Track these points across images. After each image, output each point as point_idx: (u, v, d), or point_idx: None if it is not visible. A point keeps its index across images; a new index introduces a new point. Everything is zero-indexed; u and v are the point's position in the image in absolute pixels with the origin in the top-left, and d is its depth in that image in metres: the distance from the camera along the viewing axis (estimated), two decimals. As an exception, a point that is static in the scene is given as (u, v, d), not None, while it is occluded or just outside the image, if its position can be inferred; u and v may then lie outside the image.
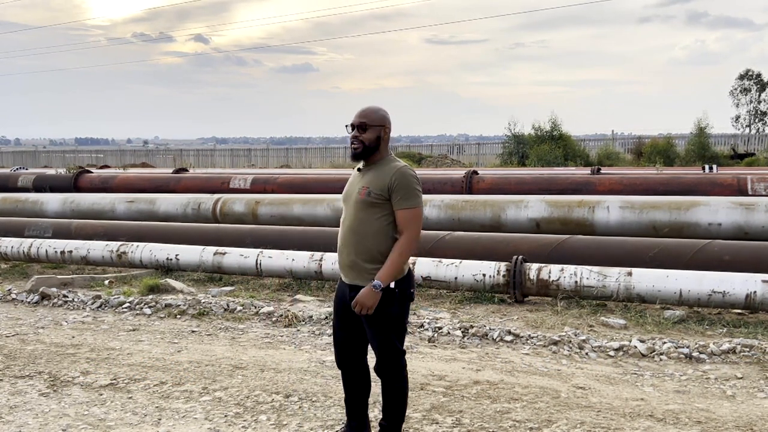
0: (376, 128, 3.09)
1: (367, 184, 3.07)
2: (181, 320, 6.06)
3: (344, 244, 3.14)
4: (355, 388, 3.34)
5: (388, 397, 3.23)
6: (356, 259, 3.09)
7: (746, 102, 39.24)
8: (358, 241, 3.08)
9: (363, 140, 3.07)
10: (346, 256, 3.13)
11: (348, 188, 3.20)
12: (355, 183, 3.15)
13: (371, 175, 3.09)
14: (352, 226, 3.10)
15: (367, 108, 3.14)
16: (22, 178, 13.90)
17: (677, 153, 22.48)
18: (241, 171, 16.48)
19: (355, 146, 3.08)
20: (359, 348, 3.27)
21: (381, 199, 3.04)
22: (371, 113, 3.11)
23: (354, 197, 3.10)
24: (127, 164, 28.73)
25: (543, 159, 21.72)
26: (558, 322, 5.77)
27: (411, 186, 3.03)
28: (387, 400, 3.25)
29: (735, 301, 5.63)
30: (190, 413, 3.92)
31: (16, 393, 4.29)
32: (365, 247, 3.07)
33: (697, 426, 3.66)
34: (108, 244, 8.48)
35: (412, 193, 3.03)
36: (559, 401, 4.01)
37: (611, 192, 8.94)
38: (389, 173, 3.05)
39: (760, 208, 7.21)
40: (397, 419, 3.26)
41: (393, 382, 3.20)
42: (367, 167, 3.14)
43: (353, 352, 3.28)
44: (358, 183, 3.12)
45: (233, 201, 9.85)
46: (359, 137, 3.07)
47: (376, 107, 3.15)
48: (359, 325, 3.19)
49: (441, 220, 8.47)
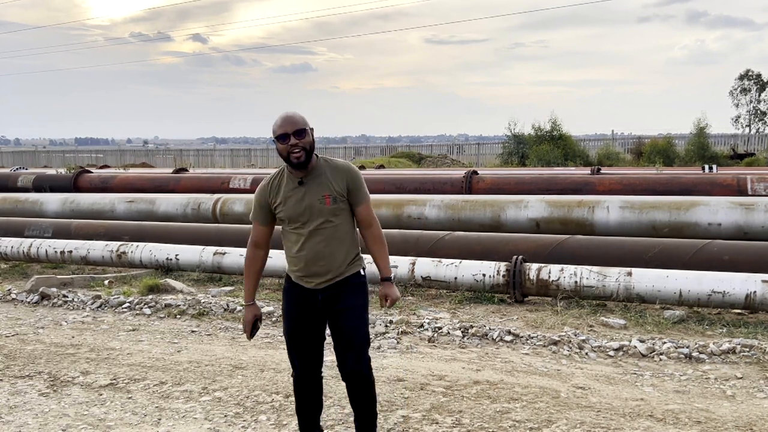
0: (309, 131, 2.99)
1: (326, 191, 2.98)
2: (181, 320, 6.06)
3: (317, 258, 3.00)
4: (316, 399, 3.24)
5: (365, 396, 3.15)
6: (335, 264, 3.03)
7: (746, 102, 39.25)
8: (337, 249, 3.02)
9: (304, 146, 2.92)
10: (322, 266, 3.02)
11: (295, 204, 2.99)
12: (303, 195, 2.98)
13: (321, 181, 2.99)
14: (325, 234, 2.99)
15: (291, 114, 2.97)
16: (21, 178, 13.89)
17: (677, 153, 22.50)
18: (241, 171, 16.47)
19: (297, 155, 2.91)
20: (320, 355, 3.19)
21: (342, 202, 3.01)
22: (299, 118, 2.96)
23: (317, 208, 2.97)
24: (127, 164, 28.72)
25: (543, 159, 21.73)
26: (558, 322, 5.77)
27: (362, 180, 3.08)
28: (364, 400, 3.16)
29: (735, 301, 5.64)
30: (190, 413, 3.92)
31: (15, 393, 4.29)
32: (344, 251, 3.04)
33: (696, 426, 3.66)
34: (108, 244, 8.48)
35: (364, 186, 3.09)
36: (558, 401, 4.01)
37: (611, 192, 8.94)
38: (340, 173, 3.02)
39: (760, 208, 7.21)
40: (374, 417, 3.22)
41: (369, 378, 3.14)
42: (308, 176, 2.99)
43: (317, 360, 3.17)
44: (310, 194, 2.98)
45: (233, 201, 9.85)
46: (299, 144, 2.91)
47: (295, 111, 3.01)
48: (322, 331, 3.14)
49: (441, 220, 8.47)
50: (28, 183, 13.61)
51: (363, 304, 3.12)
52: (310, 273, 3.05)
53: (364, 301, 3.12)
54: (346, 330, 3.06)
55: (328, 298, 3.06)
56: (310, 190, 2.99)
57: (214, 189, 11.30)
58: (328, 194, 2.98)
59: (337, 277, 3.04)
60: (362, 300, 3.12)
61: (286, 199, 3.02)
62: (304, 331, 3.11)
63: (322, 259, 3.01)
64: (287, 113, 2.99)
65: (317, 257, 3.01)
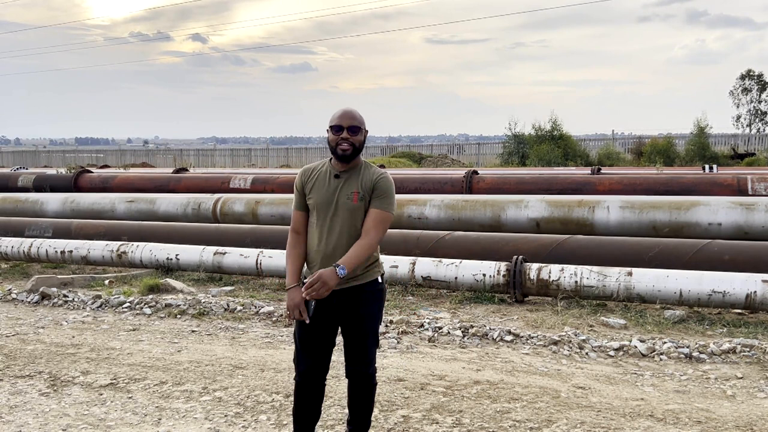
0: (364, 131, 3.07)
1: (356, 189, 3.02)
2: (181, 320, 6.06)
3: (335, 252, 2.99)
4: (316, 406, 3.21)
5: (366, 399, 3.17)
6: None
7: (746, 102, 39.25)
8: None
9: (354, 142, 3.01)
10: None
11: (325, 193, 3.05)
12: (336, 188, 3.04)
13: (355, 179, 3.04)
14: (348, 231, 3.00)
15: (352, 110, 3.06)
16: (22, 177, 13.90)
17: (677, 153, 22.50)
18: (241, 171, 16.47)
19: (345, 148, 3.00)
20: (328, 360, 3.16)
21: (366, 202, 3.04)
22: (358, 116, 3.06)
23: (343, 203, 3.01)
24: (128, 164, 28.73)
25: (543, 159, 21.73)
26: (558, 322, 5.77)
27: (392, 191, 3.08)
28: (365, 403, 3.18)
29: (735, 301, 5.64)
30: (191, 413, 3.92)
31: (16, 393, 4.29)
32: None
33: (697, 426, 3.66)
34: (108, 244, 8.48)
35: (392, 198, 3.07)
36: (559, 401, 4.01)
37: (611, 192, 8.94)
38: (373, 176, 3.06)
39: (760, 207, 7.21)
40: (368, 422, 3.24)
41: (372, 381, 3.17)
42: (345, 172, 3.06)
43: (325, 364, 3.15)
44: (343, 188, 3.03)
45: (233, 201, 9.85)
46: (350, 139, 3.00)
47: (355, 109, 3.10)
48: (334, 336, 3.13)
49: (441, 220, 8.47)
50: (28, 183, 13.62)
51: (379, 311, 3.13)
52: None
53: (379, 308, 3.13)
54: (357, 334, 3.08)
55: (344, 304, 3.02)
56: (344, 184, 3.04)
57: (215, 189, 11.30)
58: (357, 191, 3.02)
59: (353, 281, 3.01)
60: (378, 307, 3.12)
61: (319, 188, 3.08)
62: (316, 334, 3.07)
63: (339, 255, 2.98)
64: (348, 108, 3.08)
65: (335, 254, 2.99)
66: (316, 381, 3.15)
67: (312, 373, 3.12)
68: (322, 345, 3.10)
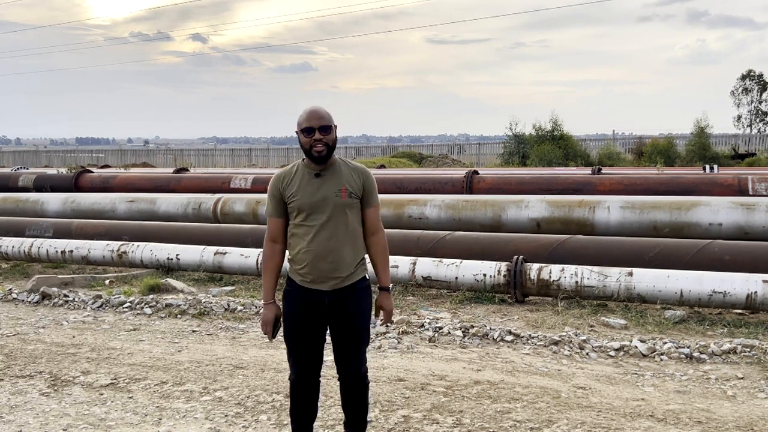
0: (334, 128, 3.05)
1: (342, 185, 3.01)
2: (182, 320, 6.06)
3: (326, 253, 2.98)
4: (312, 405, 3.21)
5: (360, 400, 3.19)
6: (344, 263, 3.01)
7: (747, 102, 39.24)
8: (345, 247, 3.01)
9: (327, 142, 2.99)
10: (330, 263, 2.98)
11: (310, 193, 3.00)
12: (320, 186, 3.00)
13: (338, 176, 3.03)
14: (337, 232, 2.99)
15: (318, 109, 3.01)
16: (22, 177, 13.90)
17: (678, 153, 22.49)
18: (242, 171, 16.46)
19: (320, 149, 2.96)
20: (320, 359, 3.16)
21: (356, 199, 3.05)
22: (326, 114, 3.02)
23: (332, 200, 2.99)
24: (128, 164, 28.75)
25: (544, 159, 21.72)
26: (558, 322, 5.77)
27: (376, 185, 3.13)
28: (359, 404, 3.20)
29: (736, 301, 5.63)
30: (191, 413, 3.92)
31: (16, 392, 4.29)
32: (352, 250, 3.04)
33: (697, 426, 3.66)
34: (109, 244, 8.48)
35: (376, 191, 3.14)
36: (559, 401, 4.01)
37: (612, 192, 8.94)
38: (357, 173, 3.07)
39: (761, 208, 7.20)
40: (365, 422, 3.26)
41: (365, 381, 3.18)
42: (325, 170, 3.04)
43: (317, 363, 3.15)
44: (327, 186, 3.00)
45: (234, 201, 9.85)
46: (323, 139, 2.96)
47: (321, 107, 3.06)
48: (324, 335, 3.13)
49: (441, 220, 8.47)
50: (29, 183, 13.62)
51: (368, 308, 3.14)
52: (317, 271, 3.00)
53: (368, 305, 3.14)
54: (349, 333, 3.07)
55: (335, 303, 3.03)
56: (327, 182, 3.02)
57: (215, 189, 11.30)
58: (345, 188, 3.01)
59: (345, 280, 3.02)
60: (367, 304, 3.13)
61: (301, 189, 3.03)
62: (307, 335, 3.08)
63: (330, 254, 2.98)
64: (315, 108, 3.03)
65: (325, 252, 2.98)
66: (311, 380, 3.15)
67: (306, 372, 3.13)
68: (313, 345, 3.10)
